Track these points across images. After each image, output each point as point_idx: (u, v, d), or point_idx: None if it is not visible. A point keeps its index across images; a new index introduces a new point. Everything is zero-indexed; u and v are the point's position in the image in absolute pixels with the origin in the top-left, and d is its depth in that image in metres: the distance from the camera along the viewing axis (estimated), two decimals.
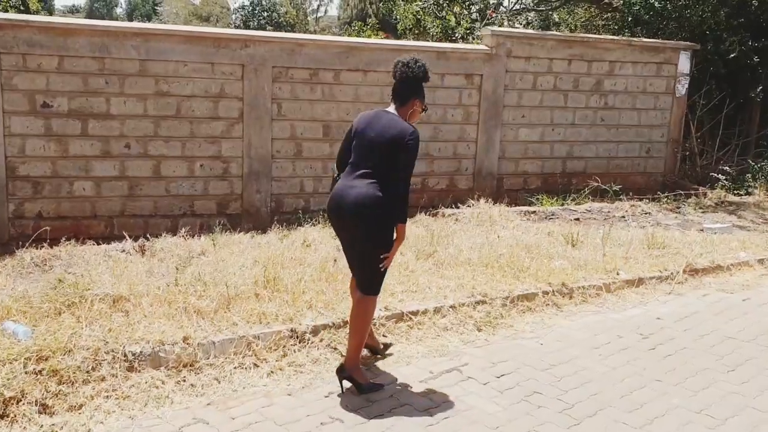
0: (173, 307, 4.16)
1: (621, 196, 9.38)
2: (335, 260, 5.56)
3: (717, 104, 10.93)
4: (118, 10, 62.62)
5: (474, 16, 11.70)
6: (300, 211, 8.38)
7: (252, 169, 8.33)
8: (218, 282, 4.64)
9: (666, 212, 8.61)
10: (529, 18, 11.27)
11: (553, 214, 8.09)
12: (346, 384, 3.79)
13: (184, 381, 3.72)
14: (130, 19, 53.98)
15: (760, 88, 10.52)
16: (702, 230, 7.59)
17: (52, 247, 6.24)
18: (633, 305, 5.28)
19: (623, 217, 8.12)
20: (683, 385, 3.94)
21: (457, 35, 11.39)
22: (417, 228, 7.16)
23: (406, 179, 3.73)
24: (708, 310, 5.24)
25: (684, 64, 10.41)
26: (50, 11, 48.77)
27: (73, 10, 60.77)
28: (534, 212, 8.15)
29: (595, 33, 12.33)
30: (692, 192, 9.66)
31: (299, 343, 4.14)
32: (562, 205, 9.15)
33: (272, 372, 3.91)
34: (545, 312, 5.02)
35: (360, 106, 8.73)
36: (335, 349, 4.16)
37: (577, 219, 7.86)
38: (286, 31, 32.97)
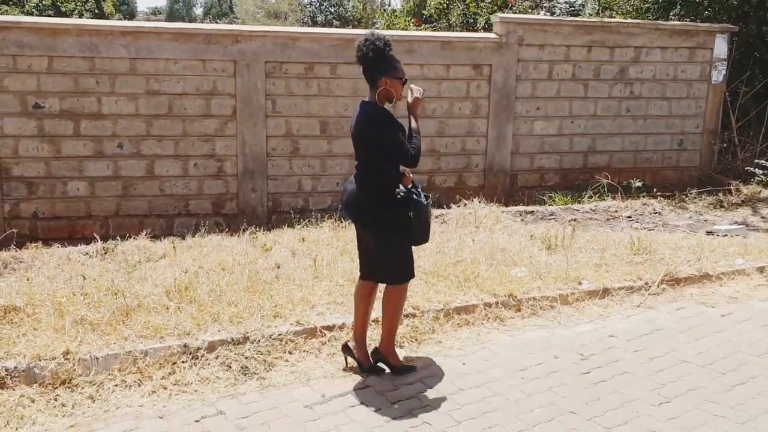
0: (66, 318, 4.02)
1: (643, 193, 8.69)
2: (278, 266, 5.32)
3: (764, 92, 9.95)
4: (197, 11, 64.53)
5: (500, 2, 11.13)
6: (292, 211, 8.18)
7: (247, 168, 8.20)
8: (133, 291, 4.49)
9: (679, 211, 7.85)
10: (557, 2, 10.60)
11: (552, 214, 7.52)
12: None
13: (56, 400, 3.56)
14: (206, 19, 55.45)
15: None
16: (710, 232, 6.85)
17: (19, 249, 6.27)
18: (589, 320, 4.74)
19: (629, 216, 7.46)
20: (599, 419, 3.45)
21: (478, 26, 10.86)
22: None
23: (401, 155, 3.72)
24: (676, 326, 4.64)
25: (721, 48, 9.51)
26: (132, 14, 50.87)
27: (155, 12, 63.18)
28: (532, 212, 7.60)
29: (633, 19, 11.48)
30: (725, 188, 8.82)
31: (192, 359, 3.92)
32: (579, 202, 8.55)
33: (154, 391, 3.70)
34: (484, 326, 4.58)
35: (359, 101, 8.43)
36: (229, 367, 3.91)
37: (575, 220, 7.27)
38: (353, 27, 32.87)
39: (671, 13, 10.60)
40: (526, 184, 9.24)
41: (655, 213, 7.66)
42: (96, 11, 31.12)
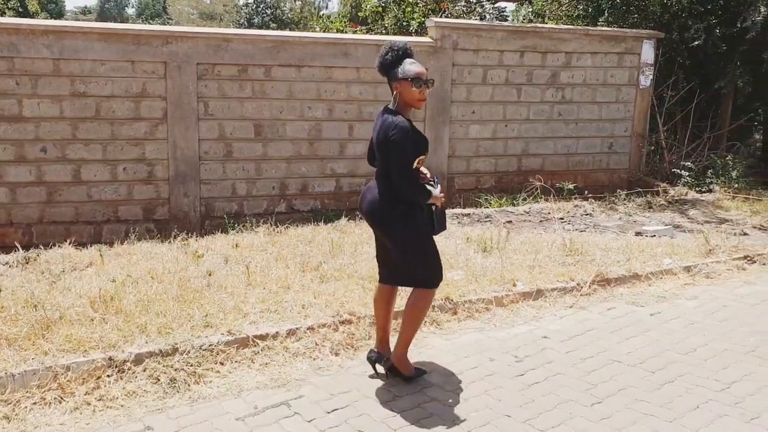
0: None
1: (575, 195, 8.89)
2: (210, 273, 5.18)
3: (688, 96, 10.34)
4: (129, 11, 62.97)
5: (431, 6, 11.20)
6: (226, 216, 8.01)
7: (178, 172, 7.98)
8: (54, 303, 4.27)
9: (610, 212, 8.05)
10: (486, 10, 10.73)
11: (487, 217, 7.60)
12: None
13: None
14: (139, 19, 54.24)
15: (727, 79, 9.86)
16: (639, 233, 7.05)
17: None
18: (524, 321, 4.79)
19: (562, 218, 7.60)
20: (533, 422, 3.47)
21: (412, 29, 10.90)
22: (330, 233, 6.74)
23: (400, 176, 3.63)
24: (606, 326, 4.73)
25: (648, 53, 9.82)
26: (60, 14, 49.06)
27: (84, 11, 61.32)
28: (468, 215, 7.65)
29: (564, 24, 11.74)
30: (653, 189, 9.10)
31: (118, 373, 3.75)
32: (514, 205, 8.68)
33: (77, 408, 3.52)
34: (421, 331, 4.53)
35: (294, 104, 8.36)
36: (158, 380, 3.76)
37: (509, 222, 7.35)
38: (290, 29, 32.58)
39: (600, 20, 10.88)
40: (463, 187, 9.31)
41: (587, 215, 7.83)
42: (20, 9, 29.82)
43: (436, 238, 3.89)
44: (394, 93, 3.73)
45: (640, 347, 4.41)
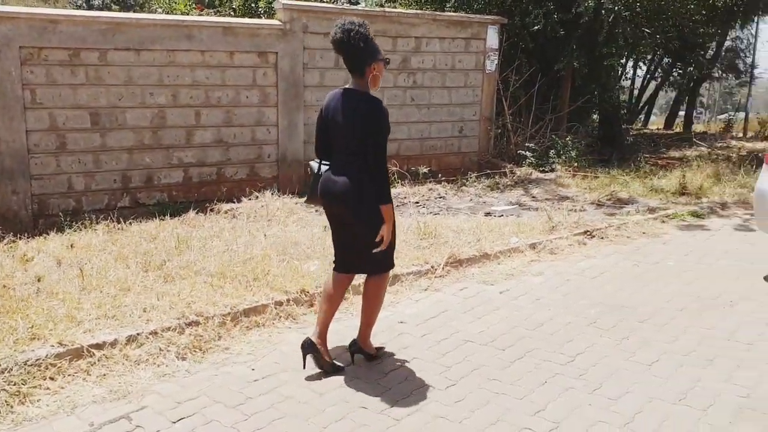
0: None
1: (430, 179, 9.04)
2: (39, 279, 4.69)
3: (531, 80, 10.81)
4: None
5: None
6: (62, 214, 7.37)
7: (4, 168, 7.24)
8: None
9: (461, 194, 8.26)
10: None
11: None
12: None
13: None
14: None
15: (565, 62, 10.44)
16: (488, 213, 7.27)
17: None
18: (382, 307, 4.76)
19: (417, 202, 7.69)
20: (388, 411, 3.41)
21: (260, 11, 10.57)
22: (177, 228, 6.37)
23: (378, 157, 3.58)
24: (459, 307, 4.80)
25: (492, 38, 10.14)
26: None
27: None
28: None
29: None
30: (500, 171, 9.45)
31: None
32: None
33: None
34: (276, 327, 4.40)
35: (135, 90, 7.82)
36: None
37: None
38: (135, 11, 30.62)
39: (447, 5, 11.10)
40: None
41: (440, 197, 7.96)
42: None
43: (292, 226, 3.77)
44: (369, 72, 3.62)
45: (491, 325, 4.50)
